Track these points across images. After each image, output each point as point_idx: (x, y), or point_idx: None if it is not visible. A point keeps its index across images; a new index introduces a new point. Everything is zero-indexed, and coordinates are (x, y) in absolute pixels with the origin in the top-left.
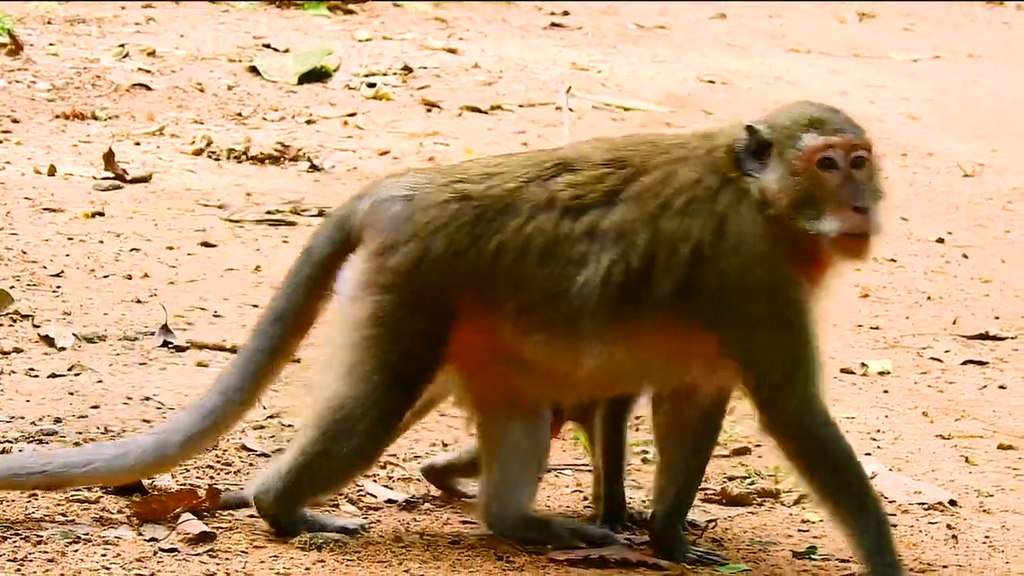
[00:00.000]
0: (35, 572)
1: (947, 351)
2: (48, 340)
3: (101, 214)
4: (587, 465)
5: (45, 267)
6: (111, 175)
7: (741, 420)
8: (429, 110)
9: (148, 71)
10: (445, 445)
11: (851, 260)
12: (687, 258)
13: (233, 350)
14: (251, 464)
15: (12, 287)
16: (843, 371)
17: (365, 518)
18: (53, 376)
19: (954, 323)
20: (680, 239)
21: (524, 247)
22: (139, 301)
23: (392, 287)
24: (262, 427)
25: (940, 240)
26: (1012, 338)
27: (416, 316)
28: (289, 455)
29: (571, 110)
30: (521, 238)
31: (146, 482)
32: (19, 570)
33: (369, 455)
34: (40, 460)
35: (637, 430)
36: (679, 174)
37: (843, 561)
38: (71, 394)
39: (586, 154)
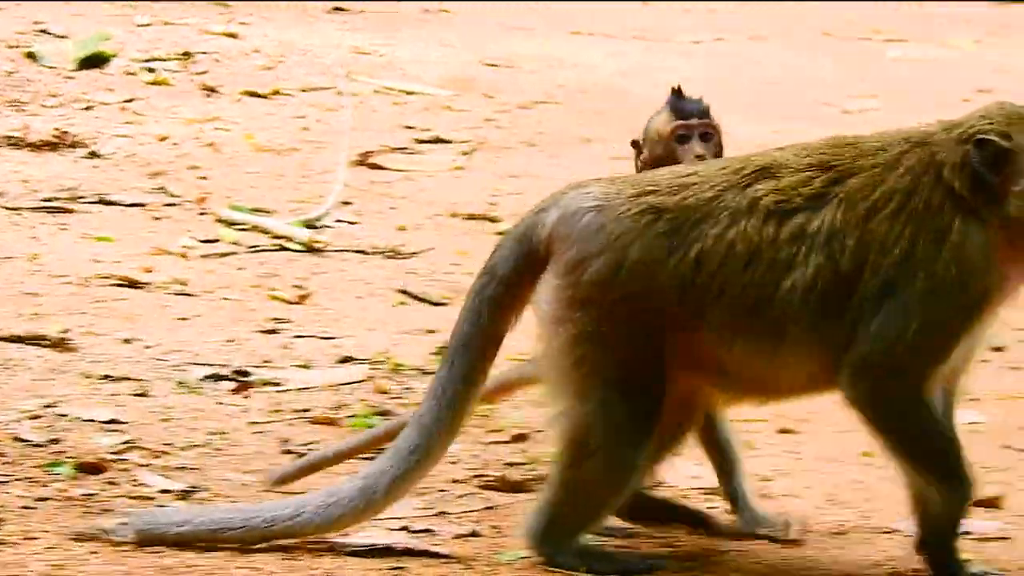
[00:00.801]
0: None
1: None
2: None
3: None
4: None
5: None
6: None
7: (521, 406)
8: (208, 95)
9: None
10: None
11: None
12: (897, 260)
13: (10, 339)
14: (24, 455)
15: None
16: None
17: None
18: None
19: None
20: (892, 244)
21: (726, 254)
22: None
23: (592, 301)
24: (38, 416)
25: None
26: None
27: (624, 328)
28: (546, 491)
29: (353, 94)
30: (723, 245)
31: None
32: None
33: (626, 474)
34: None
35: None
36: (890, 179)
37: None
38: None
39: (785, 160)
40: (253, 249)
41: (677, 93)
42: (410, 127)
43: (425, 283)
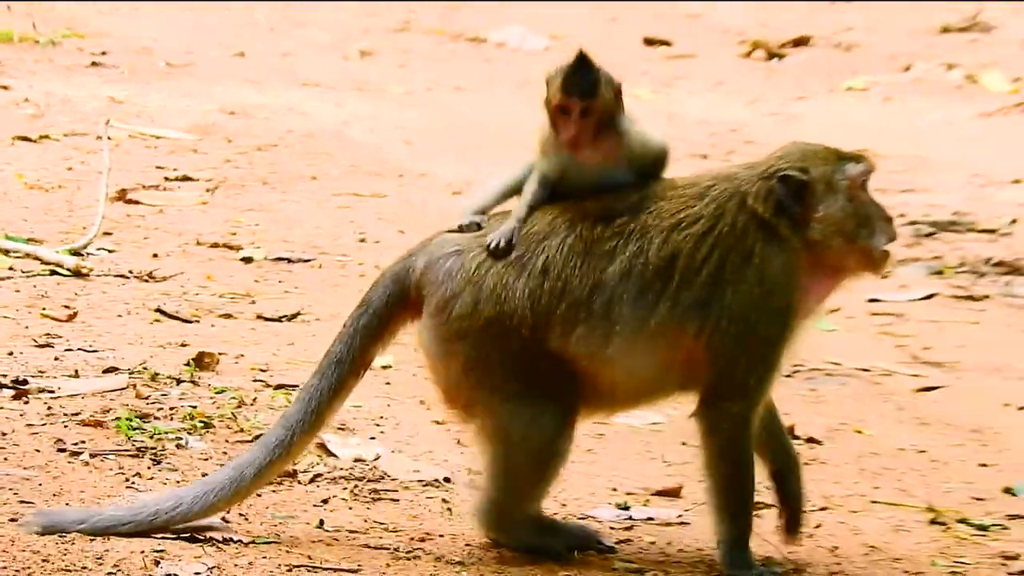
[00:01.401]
0: None
1: None
2: None
3: None
4: None
5: None
6: None
7: (263, 410)
8: None
9: None
10: None
11: (884, 269)
12: (707, 278)
13: None
14: None
15: None
16: None
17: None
18: None
19: None
20: (702, 262)
21: (566, 256)
22: None
23: (466, 333)
24: None
25: None
26: None
27: (500, 348)
28: (486, 487)
29: (109, 138)
30: (563, 250)
31: None
32: None
33: (552, 459)
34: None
35: None
36: (697, 206)
37: (352, 532)
38: None
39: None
40: (27, 274)
41: (580, 60)
42: (161, 167)
43: (177, 303)
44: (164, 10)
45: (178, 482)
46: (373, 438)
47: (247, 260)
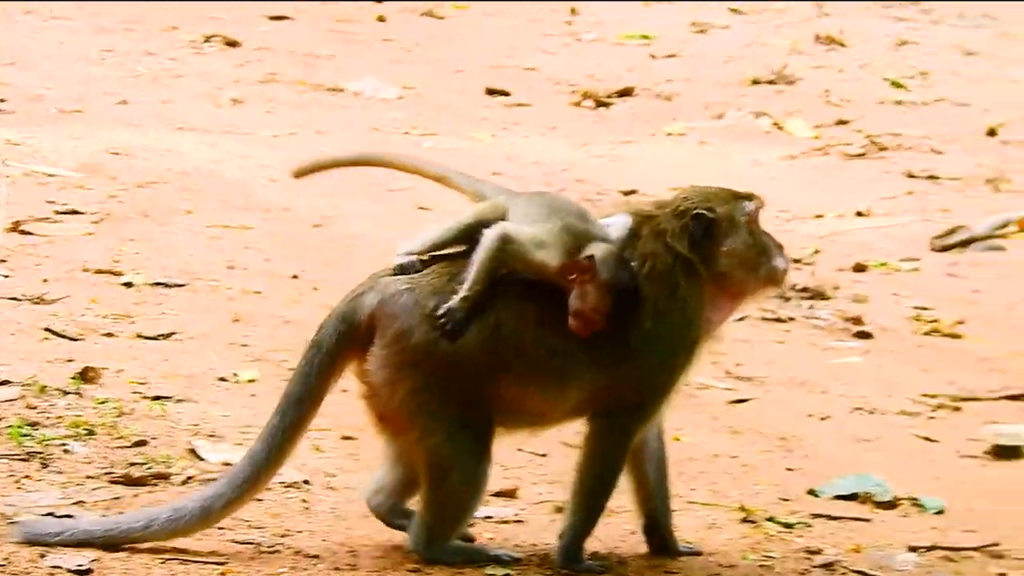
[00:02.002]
0: None
1: None
2: None
3: None
4: None
5: None
6: None
7: (141, 419)
8: None
9: None
10: None
11: (777, 290)
12: (648, 314)
13: None
14: None
15: None
16: (219, 379)
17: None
18: None
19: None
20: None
21: (519, 317)
22: None
23: (419, 362)
24: None
25: (295, 276)
26: None
27: (447, 378)
28: (422, 509)
29: (7, 176)
30: (516, 310)
31: None
32: None
33: (480, 484)
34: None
35: None
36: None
37: (220, 528)
38: None
39: None
40: None
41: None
42: (51, 201)
43: (64, 323)
44: (56, 61)
45: (63, 484)
46: (239, 444)
47: (128, 285)
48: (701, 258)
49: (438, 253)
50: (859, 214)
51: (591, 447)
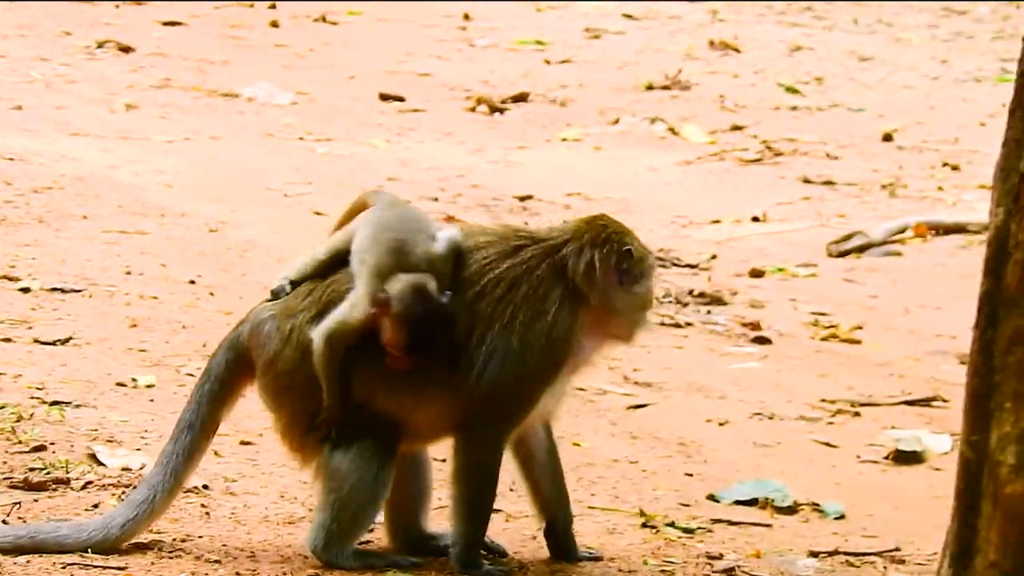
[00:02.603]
0: None
1: (198, 368)
2: None
3: None
4: None
5: None
6: None
7: (40, 423)
8: None
9: None
10: None
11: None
12: (501, 329)
13: None
14: None
15: None
16: (118, 384)
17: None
18: None
19: (204, 346)
20: (498, 317)
21: (372, 346)
22: None
23: (292, 386)
24: None
25: (192, 282)
26: None
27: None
28: (318, 514)
29: None
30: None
31: None
32: None
33: (378, 489)
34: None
35: None
36: (502, 267)
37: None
38: None
39: None
40: None
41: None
42: None
43: None
44: None
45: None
46: (139, 449)
47: (25, 290)
48: (601, 291)
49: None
50: (755, 219)
51: (460, 458)
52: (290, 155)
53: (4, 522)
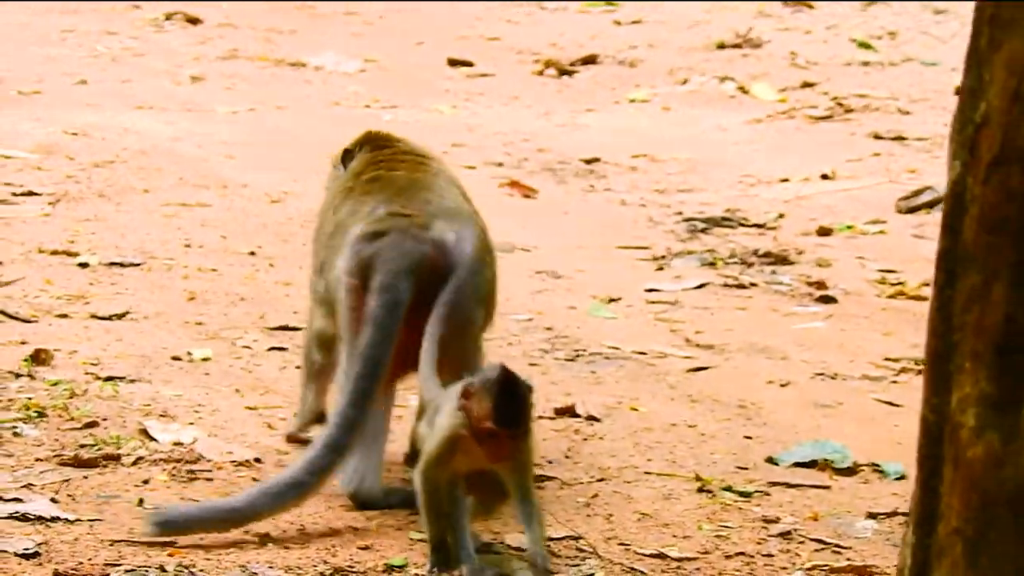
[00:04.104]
0: None
1: (255, 340)
2: None
3: None
4: None
5: None
6: None
7: (93, 399)
8: None
9: None
10: None
11: None
12: None
13: None
14: None
15: None
16: (173, 358)
17: None
18: None
19: (262, 318)
20: None
21: None
22: None
23: None
24: None
25: (252, 253)
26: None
27: None
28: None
29: None
30: None
31: None
32: None
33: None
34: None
35: None
36: None
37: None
38: None
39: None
40: None
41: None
42: (8, 184)
43: (18, 305)
44: (16, 43)
45: (13, 467)
46: (191, 423)
47: (83, 265)
48: None
49: None
50: (824, 177)
51: None
52: (355, 123)
53: (53, 500)
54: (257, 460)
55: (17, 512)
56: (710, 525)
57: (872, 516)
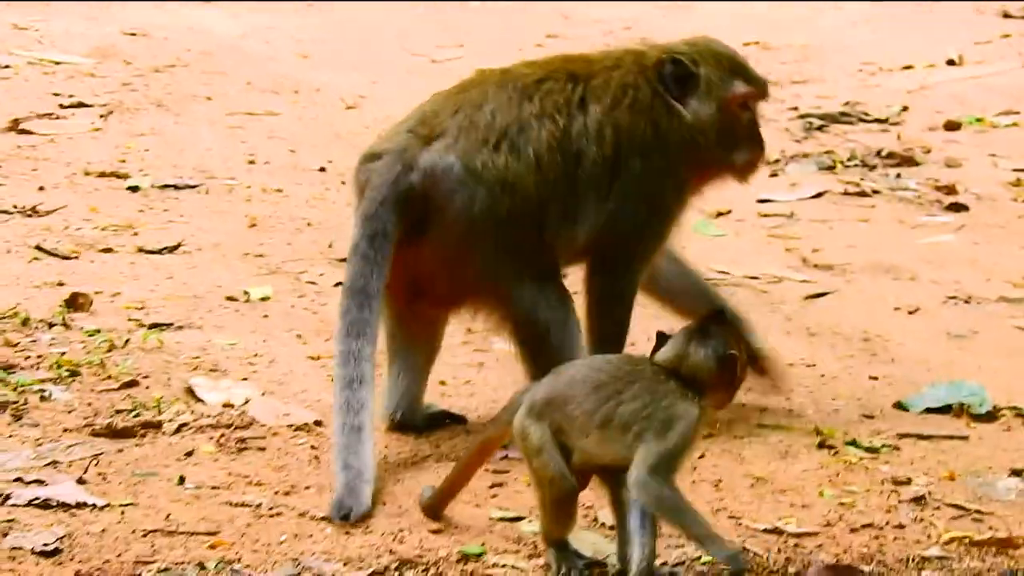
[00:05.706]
0: None
1: (321, 274)
2: None
3: None
4: None
5: None
6: None
7: (134, 352)
8: None
9: None
10: None
11: (743, 183)
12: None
13: None
14: None
15: None
16: (228, 299)
17: None
18: None
19: (330, 247)
20: (627, 132)
21: (548, 146)
22: None
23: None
24: None
25: (322, 169)
26: None
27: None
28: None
29: (8, 66)
30: (543, 141)
31: None
32: None
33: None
34: None
35: None
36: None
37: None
38: None
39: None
40: None
41: None
42: (57, 94)
43: (57, 239)
44: None
45: (37, 440)
46: (245, 379)
47: (133, 189)
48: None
49: None
50: (951, 63)
51: (594, 306)
52: (439, 13)
53: (80, 481)
54: (317, 423)
55: (38, 498)
56: (832, 490)
57: (1016, 473)
